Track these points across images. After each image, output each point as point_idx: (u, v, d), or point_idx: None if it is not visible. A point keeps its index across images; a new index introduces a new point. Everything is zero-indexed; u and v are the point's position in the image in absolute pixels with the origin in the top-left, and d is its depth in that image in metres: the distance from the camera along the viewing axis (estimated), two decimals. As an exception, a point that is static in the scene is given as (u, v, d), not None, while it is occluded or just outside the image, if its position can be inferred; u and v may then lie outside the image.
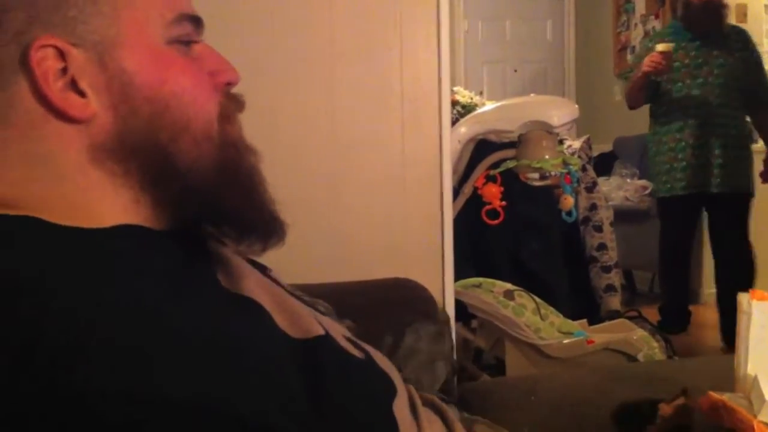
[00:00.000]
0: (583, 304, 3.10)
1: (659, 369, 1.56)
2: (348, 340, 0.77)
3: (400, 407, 0.75)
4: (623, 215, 4.41)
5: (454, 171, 2.00)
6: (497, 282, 2.49)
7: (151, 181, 0.69)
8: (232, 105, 0.75)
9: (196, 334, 0.58)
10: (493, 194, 2.06)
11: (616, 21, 6.00)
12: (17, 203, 0.64)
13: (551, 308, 2.48)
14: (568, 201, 2.14)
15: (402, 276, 1.45)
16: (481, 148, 2.27)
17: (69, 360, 0.52)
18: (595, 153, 3.93)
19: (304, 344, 0.68)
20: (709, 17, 3.56)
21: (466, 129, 2.26)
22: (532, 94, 2.67)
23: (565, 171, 2.05)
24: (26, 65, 0.64)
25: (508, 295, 2.42)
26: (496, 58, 6.60)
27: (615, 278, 3.38)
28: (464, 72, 6.42)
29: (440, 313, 1.36)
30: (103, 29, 0.66)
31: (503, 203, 2.06)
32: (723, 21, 3.62)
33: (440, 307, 1.37)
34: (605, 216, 3.43)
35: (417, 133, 1.76)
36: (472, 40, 6.55)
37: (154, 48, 0.69)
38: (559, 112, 2.07)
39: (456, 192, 2.01)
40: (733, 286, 1.23)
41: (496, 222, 2.06)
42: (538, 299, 2.46)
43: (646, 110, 5.94)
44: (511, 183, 2.12)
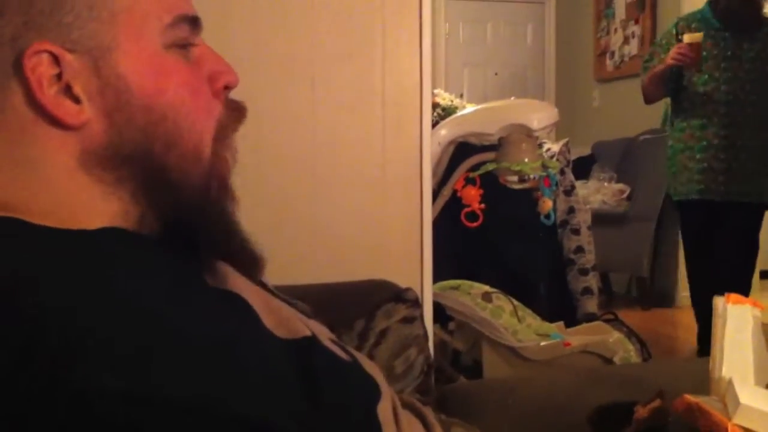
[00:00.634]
0: (560, 307, 3.11)
1: (635, 371, 1.57)
2: (333, 342, 0.77)
3: (385, 410, 0.76)
4: (601, 218, 4.44)
5: (434, 173, 2.00)
6: (475, 284, 2.50)
7: (144, 192, 0.68)
8: (234, 114, 0.74)
9: (194, 333, 0.58)
10: (472, 197, 2.07)
11: (597, 26, 6.03)
12: (5, 206, 0.64)
13: (528, 310, 2.49)
14: (547, 204, 2.16)
15: (381, 277, 1.45)
16: (461, 150, 2.28)
17: (69, 360, 0.52)
18: (573, 156, 3.92)
19: (292, 345, 0.68)
20: (747, 9, 3.17)
21: (446, 131, 2.26)
22: (512, 98, 2.68)
23: (544, 174, 2.06)
24: (20, 71, 0.64)
25: (486, 297, 2.43)
26: (477, 60, 6.62)
27: (592, 281, 3.39)
28: (445, 74, 6.43)
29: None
30: (100, 35, 0.65)
31: (482, 206, 2.07)
32: (761, 12, 3.26)
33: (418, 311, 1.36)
34: (583, 219, 3.45)
35: (398, 135, 1.76)
36: (453, 43, 6.56)
37: (152, 54, 0.68)
38: (539, 115, 2.08)
39: (436, 194, 2.02)
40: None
41: (475, 224, 2.07)
42: (515, 301, 2.47)
43: (626, 115, 5.98)
44: (491, 185, 2.13)
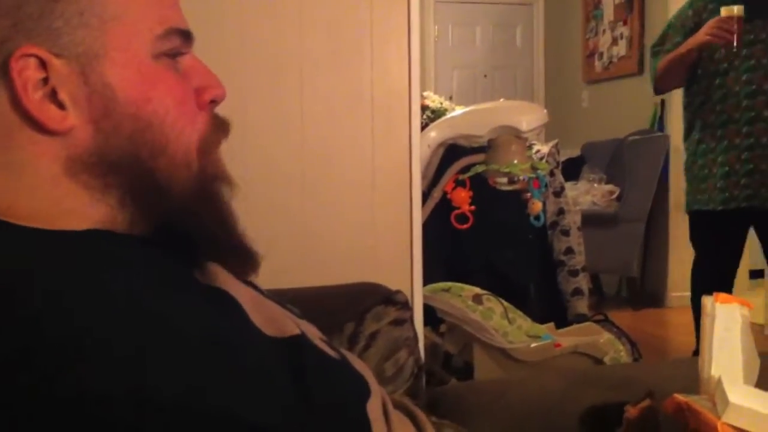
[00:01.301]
0: (550, 308, 3.12)
1: (625, 372, 1.58)
2: (323, 341, 0.78)
3: (374, 408, 0.76)
4: (591, 219, 4.45)
5: (424, 176, 2.01)
6: (466, 286, 2.50)
7: (132, 198, 0.68)
8: (217, 129, 0.74)
9: (190, 333, 0.59)
10: (462, 199, 2.07)
11: (585, 27, 6.05)
12: None
13: (519, 312, 2.50)
14: (537, 205, 2.16)
15: (371, 279, 1.45)
16: (451, 152, 2.28)
17: (67, 361, 0.53)
18: (563, 158, 3.93)
19: (281, 343, 0.69)
20: None
21: (436, 133, 2.26)
22: (501, 99, 2.68)
23: (533, 176, 2.07)
24: (6, 74, 0.63)
25: (477, 299, 2.43)
26: (466, 63, 6.63)
27: (582, 282, 3.40)
28: (434, 77, 6.44)
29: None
30: (89, 42, 0.65)
31: (472, 207, 2.07)
32: None
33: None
34: (573, 220, 3.45)
35: (387, 137, 1.76)
36: (442, 45, 6.57)
37: (141, 63, 0.67)
38: (528, 117, 2.09)
39: (425, 196, 2.02)
40: None
41: (465, 226, 2.07)
42: (506, 303, 2.47)
43: (615, 116, 6.00)
44: (481, 187, 2.13)
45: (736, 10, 2.63)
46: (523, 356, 2.37)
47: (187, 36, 0.72)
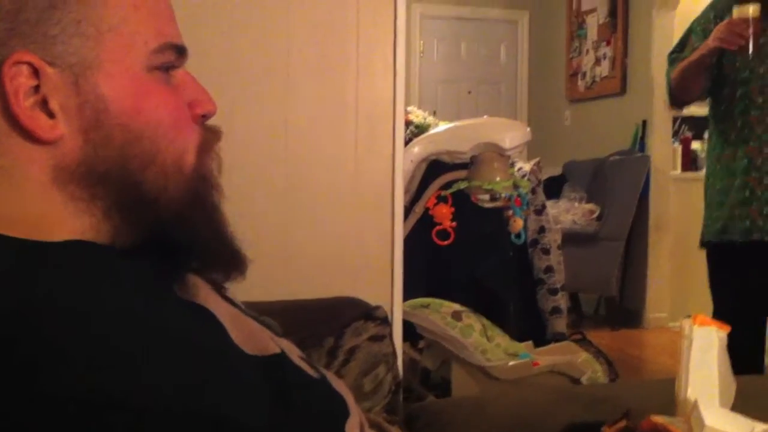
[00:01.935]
0: (529, 326, 3.12)
1: (602, 391, 1.58)
2: (303, 360, 0.78)
3: (352, 427, 0.76)
4: (571, 238, 4.47)
5: (406, 190, 2.01)
6: (445, 302, 2.50)
7: (118, 210, 0.67)
8: (209, 139, 0.75)
9: (179, 337, 0.59)
10: (443, 215, 2.07)
11: (569, 46, 6.10)
12: None
13: (498, 330, 2.50)
14: (518, 223, 2.17)
15: (351, 294, 1.45)
16: (434, 168, 2.29)
17: (49, 361, 0.53)
18: (544, 176, 3.95)
19: (261, 361, 0.69)
20: None
21: (419, 149, 2.27)
22: (485, 116, 2.70)
23: (515, 193, 2.07)
24: None
25: (456, 316, 2.43)
26: (451, 78, 6.66)
27: (561, 301, 3.41)
28: (419, 91, 6.45)
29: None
30: (83, 52, 0.65)
31: (453, 224, 2.07)
32: None
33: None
34: (553, 239, 3.46)
35: (370, 152, 1.76)
36: (427, 60, 6.60)
37: (134, 75, 0.67)
38: (512, 134, 2.10)
39: (407, 211, 2.02)
40: None
41: (445, 243, 2.07)
42: (485, 320, 2.47)
43: (596, 135, 6.03)
44: (463, 204, 2.14)
45: (752, 10, 2.26)
46: (500, 374, 2.37)
47: (181, 51, 0.72)
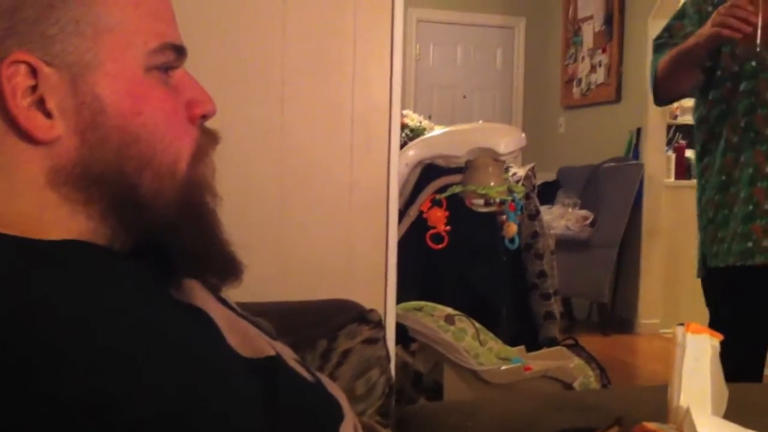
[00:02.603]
0: (522, 331, 3.13)
1: (594, 397, 1.58)
2: (298, 362, 0.77)
3: (346, 431, 0.76)
4: (564, 244, 4.48)
5: (401, 194, 2.01)
6: (438, 306, 2.50)
7: (114, 212, 0.67)
8: (208, 140, 0.74)
9: (176, 337, 0.60)
10: (438, 218, 2.07)
11: (565, 53, 6.11)
12: None
13: (491, 334, 2.50)
14: (512, 228, 2.17)
15: (345, 296, 1.44)
16: (428, 172, 2.29)
17: (47, 362, 0.53)
18: (538, 181, 3.95)
19: (256, 363, 0.69)
20: None
21: (414, 152, 2.27)
22: (480, 121, 2.70)
23: (509, 198, 2.08)
24: None
25: (449, 319, 2.43)
26: (446, 83, 6.66)
27: (554, 306, 3.41)
28: (414, 95, 6.46)
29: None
30: (81, 51, 0.65)
31: (448, 228, 2.07)
32: None
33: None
34: (547, 244, 3.47)
35: (366, 155, 1.76)
36: (423, 64, 6.60)
37: (132, 76, 0.67)
38: (507, 139, 2.10)
39: (402, 215, 2.02)
40: None
41: (440, 246, 2.07)
42: (478, 324, 2.47)
43: (591, 142, 6.04)
44: (457, 208, 2.14)
45: None
46: (493, 378, 2.37)
47: (180, 51, 0.71)
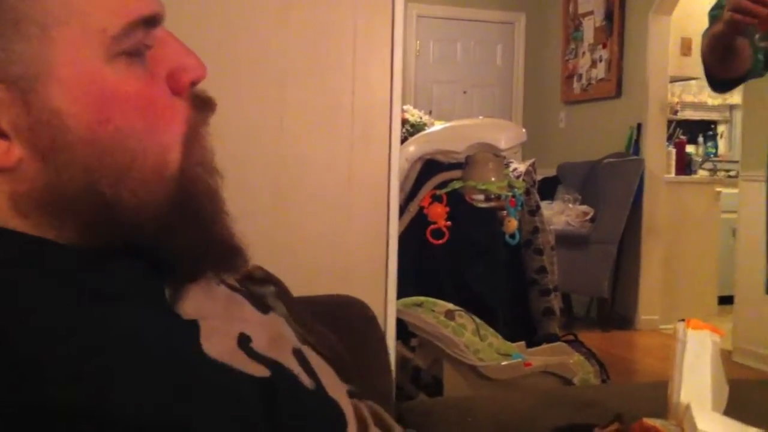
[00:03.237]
0: (522, 326, 3.13)
1: (594, 393, 1.58)
2: (296, 355, 0.72)
3: None
4: (564, 239, 4.48)
5: (401, 189, 2.01)
6: (438, 302, 2.50)
7: (92, 233, 0.60)
8: (201, 113, 0.66)
9: (157, 350, 0.56)
10: (438, 214, 2.07)
11: (565, 49, 6.10)
12: None
13: (491, 329, 2.50)
14: (512, 224, 2.17)
15: (345, 291, 1.44)
16: (429, 167, 2.29)
17: (19, 371, 0.50)
18: (539, 177, 3.95)
19: (252, 379, 0.62)
20: None
21: (414, 148, 2.27)
22: (480, 117, 2.70)
23: (510, 194, 2.07)
24: None
25: (449, 315, 2.43)
26: (447, 78, 6.66)
27: (554, 302, 3.41)
28: (414, 91, 6.45)
29: (378, 329, 1.36)
30: (29, 58, 0.55)
31: (448, 223, 2.07)
32: None
33: (381, 327, 1.37)
34: (547, 240, 3.47)
35: (366, 150, 1.76)
36: (423, 60, 6.60)
37: (92, 78, 0.57)
38: (507, 135, 2.10)
39: (402, 210, 2.02)
40: None
41: (440, 242, 2.07)
42: (478, 320, 2.47)
43: (591, 137, 6.05)
44: (457, 203, 2.14)
45: None
46: (493, 374, 2.37)
47: (151, 22, 0.60)
